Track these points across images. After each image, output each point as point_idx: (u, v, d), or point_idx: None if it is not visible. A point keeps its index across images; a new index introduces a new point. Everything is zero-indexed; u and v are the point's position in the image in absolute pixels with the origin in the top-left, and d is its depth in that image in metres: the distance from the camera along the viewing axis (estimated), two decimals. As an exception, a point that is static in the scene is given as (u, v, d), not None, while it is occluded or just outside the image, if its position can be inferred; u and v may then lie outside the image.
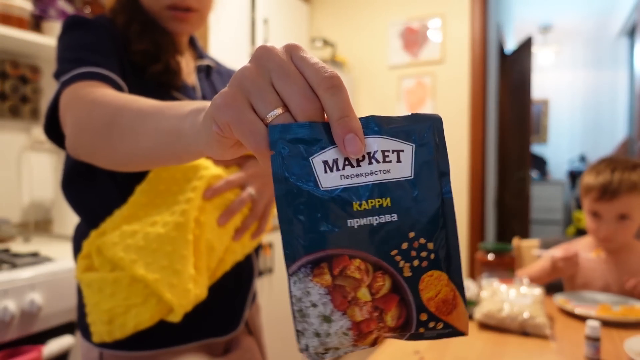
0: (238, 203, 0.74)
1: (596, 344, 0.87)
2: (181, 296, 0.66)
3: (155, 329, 0.71)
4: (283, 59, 0.34)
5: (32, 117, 1.78)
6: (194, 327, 0.76)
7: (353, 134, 0.32)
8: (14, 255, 1.30)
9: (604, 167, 1.23)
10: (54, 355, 1.15)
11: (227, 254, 0.76)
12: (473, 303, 1.12)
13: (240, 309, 0.83)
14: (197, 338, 0.77)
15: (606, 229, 1.21)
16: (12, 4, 1.50)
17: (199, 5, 0.80)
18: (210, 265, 0.72)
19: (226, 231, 0.74)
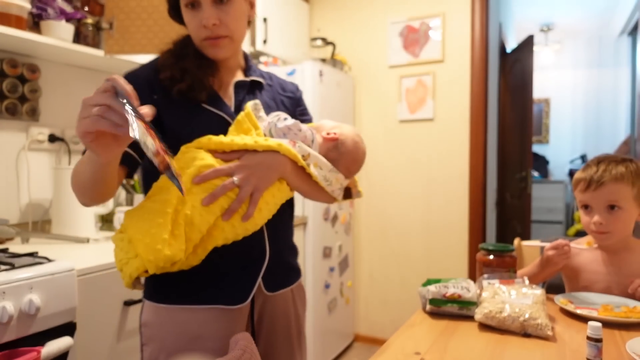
0: (221, 188, 0.89)
1: (598, 344, 0.86)
2: (149, 253, 0.83)
3: (178, 288, 0.95)
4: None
5: (30, 116, 1.78)
6: (208, 293, 0.95)
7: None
8: (13, 256, 1.30)
9: (593, 162, 1.26)
10: (53, 356, 1.14)
11: (216, 231, 0.91)
12: (474, 303, 1.11)
13: (249, 285, 0.98)
14: (209, 302, 0.95)
15: (597, 219, 1.22)
16: (11, 2, 1.49)
17: (228, 32, 0.97)
18: (191, 236, 0.87)
19: (210, 211, 0.88)
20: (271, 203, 0.97)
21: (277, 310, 1.07)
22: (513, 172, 3.71)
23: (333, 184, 1.04)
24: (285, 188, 1.00)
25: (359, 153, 1.07)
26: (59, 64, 1.91)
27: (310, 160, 1.00)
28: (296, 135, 1.00)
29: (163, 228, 0.84)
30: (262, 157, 0.95)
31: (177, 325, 0.95)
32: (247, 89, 1.07)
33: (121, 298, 1.38)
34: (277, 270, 1.05)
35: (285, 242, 1.10)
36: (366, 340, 3.13)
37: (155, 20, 1.74)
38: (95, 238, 1.68)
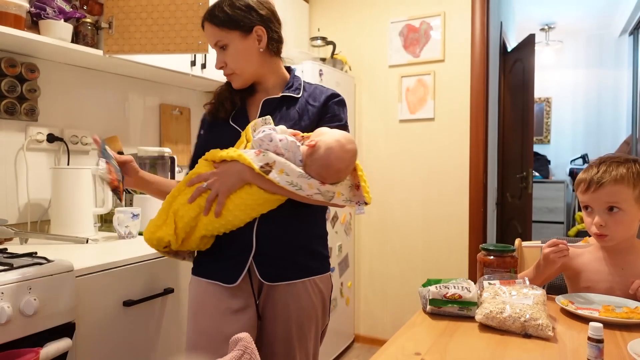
0: (196, 190, 1.15)
1: (599, 345, 0.85)
2: (147, 233, 1.18)
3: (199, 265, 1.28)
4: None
5: (29, 116, 1.77)
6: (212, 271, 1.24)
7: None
8: (11, 256, 1.29)
9: (595, 163, 1.26)
10: (52, 357, 1.14)
11: (200, 223, 1.16)
12: (474, 304, 1.10)
13: (238, 270, 1.20)
14: (211, 278, 1.23)
15: (597, 220, 1.21)
16: (9, 1, 1.49)
17: (231, 70, 1.25)
18: (179, 225, 1.15)
19: (191, 207, 1.15)
20: (241, 204, 1.14)
21: (279, 300, 1.21)
22: (514, 172, 3.70)
23: (305, 189, 1.12)
24: (257, 191, 1.14)
25: (330, 159, 1.12)
26: (58, 63, 1.90)
27: (275, 167, 1.11)
28: (268, 145, 1.13)
29: (159, 217, 1.17)
30: (227, 166, 1.15)
31: (195, 290, 1.26)
32: (275, 105, 1.26)
33: (120, 298, 1.38)
34: (273, 263, 1.20)
35: (281, 240, 1.21)
36: (366, 341, 3.13)
37: (155, 19, 1.73)
38: (94, 238, 1.68)
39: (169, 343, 1.56)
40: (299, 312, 1.22)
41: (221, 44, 1.23)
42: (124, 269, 1.39)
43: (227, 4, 1.21)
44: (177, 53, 1.75)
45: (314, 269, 1.26)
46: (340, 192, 1.17)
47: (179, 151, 2.48)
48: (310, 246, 1.26)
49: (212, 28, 1.22)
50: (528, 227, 3.60)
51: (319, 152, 1.12)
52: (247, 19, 1.21)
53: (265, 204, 1.16)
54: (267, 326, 1.23)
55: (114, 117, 2.16)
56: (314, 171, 1.13)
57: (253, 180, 1.13)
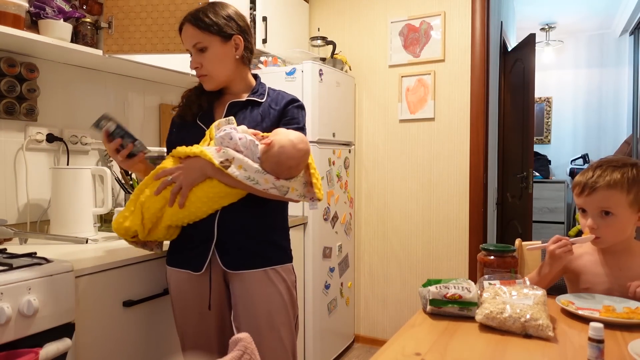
0: (162, 183, 1.26)
1: (600, 345, 0.85)
2: (114, 222, 1.28)
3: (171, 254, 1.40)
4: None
5: (28, 116, 1.77)
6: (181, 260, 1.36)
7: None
8: (11, 256, 1.29)
9: (592, 166, 1.26)
10: (51, 357, 1.14)
11: (165, 214, 1.26)
12: (474, 304, 1.10)
13: (202, 259, 1.32)
14: (182, 267, 1.35)
15: (589, 223, 1.22)
16: (9, 1, 1.49)
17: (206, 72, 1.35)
18: (145, 215, 1.25)
19: (158, 199, 1.25)
20: (202, 196, 1.24)
21: (244, 288, 1.32)
22: (514, 172, 3.70)
23: (262, 184, 1.23)
24: (218, 185, 1.24)
25: (282, 157, 1.23)
26: (58, 63, 1.90)
27: (234, 163, 1.22)
28: (228, 143, 1.24)
29: (126, 208, 1.27)
30: (190, 161, 1.26)
31: (175, 281, 1.38)
32: (240, 107, 1.38)
33: (120, 299, 1.38)
34: (234, 252, 1.32)
35: (241, 230, 1.32)
36: (366, 341, 3.13)
37: (154, 19, 1.73)
38: (93, 238, 1.68)
39: (169, 343, 1.55)
40: (266, 299, 1.32)
41: (200, 47, 1.32)
42: (124, 269, 1.39)
43: (212, 11, 1.32)
44: (177, 53, 1.74)
45: (274, 259, 1.36)
46: (294, 187, 1.28)
47: (178, 151, 2.48)
48: (270, 238, 1.37)
49: (194, 30, 1.31)
50: (528, 227, 3.60)
51: (272, 150, 1.23)
52: (228, 27, 1.33)
53: (226, 197, 1.26)
54: (238, 316, 1.35)
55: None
56: (268, 167, 1.24)
57: (214, 175, 1.24)
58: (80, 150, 1.99)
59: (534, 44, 3.51)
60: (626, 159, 1.25)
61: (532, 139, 3.53)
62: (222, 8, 1.34)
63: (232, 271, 1.32)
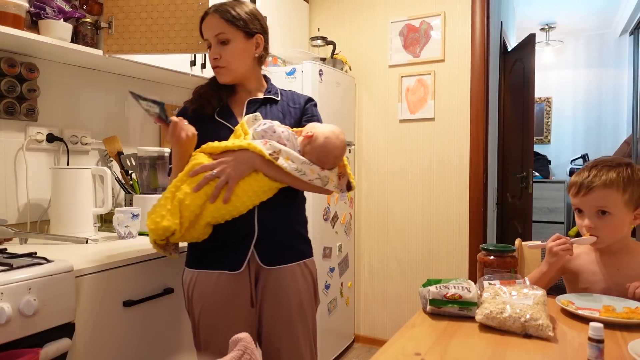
0: (204, 179, 1.22)
1: (599, 345, 0.85)
2: (152, 223, 1.21)
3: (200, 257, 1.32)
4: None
5: (28, 116, 1.77)
6: (216, 261, 1.31)
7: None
8: (11, 256, 1.29)
9: (587, 166, 1.27)
10: (52, 357, 1.14)
11: (206, 211, 1.23)
12: (474, 304, 1.10)
13: (242, 256, 1.29)
14: (216, 268, 1.30)
15: (587, 223, 1.22)
16: (9, 1, 1.49)
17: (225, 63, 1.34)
18: (184, 214, 1.21)
19: (197, 195, 1.21)
20: (248, 190, 1.23)
21: (278, 282, 1.32)
22: (514, 172, 3.70)
23: (308, 175, 1.25)
24: (262, 178, 1.25)
25: (328, 147, 1.27)
26: (58, 63, 1.90)
27: (282, 155, 1.23)
28: (271, 136, 1.26)
29: (162, 206, 1.21)
30: (236, 154, 1.24)
31: (201, 284, 1.32)
32: (259, 105, 1.39)
33: (120, 299, 1.38)
34: (272, 247, 1.31)
35: (279, 225, 1.33)
36: (366, 341, 3.13)
37: (155, 19, 1.73)
38: (94, 238, 1.68)
39: (169, 343, 1.56)
40: (298, 293, 1.34)
41: (223, 38, 1.32)
42: (124, 269, 1.39)
43: (239, 7, 1.34)
44: (177, 53, 1.74)
45: (305, 252, 1.41)
46: (332, 178, 1.31)
47: (179, 151, 2.48)
48: (300, 231, 1.40)
49: (220, 21, 1.31)
50: (528, 227, 3.60)
51: (318, 141, 1.26)
52: (252, 25, 1.35)
53: (268, 191, 1.27)
54: (268, 309, 1.33)
55: (114, 117, 2.15)
56: (314, 158, 1.27)
57: (262, 167, 1.24)
58: (80, 150, 1.99)
59: (534, 44, 3.51)
60: (620, 159, 1.26)
61: (532, 139, 3.53)
62: (247, 6, 1.37)
63: (268, 267, 1.32)
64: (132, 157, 2.05)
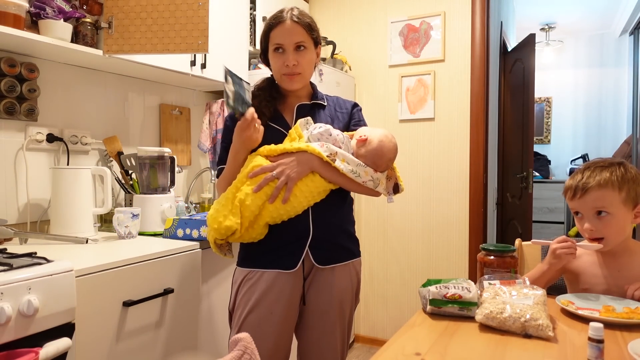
0: (264, 179, 1.26)
1: (599, 345, 0.85)
2: (214, 223, 1.26)
3: (254, 257, 1.37)
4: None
5: (28, 116, 1.77)
6: (270, 260, 1.34)
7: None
8: (11, 256, 1.29)
9: (580, 169, 1.27)
10: (51, 357, 1.14)
11: (265, 211, 1.27)
12: (474, 304, 1.10)
13: (297, 255, 1.33)
14: (271, 267, 1.34)
15: (587, 226, 1.22)
16: (9, 1, 1.49)
17: (302, 70, 1.37)
18: (245, 214, 1.25)
19: (258, 196, 1.26)
20: (306, 191, 1.28)
21: (326, 280, 1.36)
22: (514, 172, 3.70)
23: (362, 176, 1.30)
24: (319, 179, 1.29)
25: (383, 150, 1.32)
26: (58, 63, 1.90)
27: (338, 157, 1.29)
28: (327, 139, 1.31)
29: (224, 206, 1.26)
30: (294, 156, 1.29)
31: (255, 282, 1.35)
32: (308, 110, 1.43)
33: (120, 299, 1.38)
34: (325, 247, 1.35)
35: (333, 225, 1.37)
36: (366, 341, 3.13)
37: (154, 19, 1.73)
38: (94, 238, 1.68)
39: (169, 343, 1.56)
40: (340, 292, 1.38)
41: (302, 45, 1.36)
42: (124, 269, 1.39)
43: (308, 16, 1.40)
44: (177, 53, 1.75)
45: (355, 252, 1.45)
46: (382, 181, 1.36)
47: (178, 151, 2.48)
48: (350, 231, 1.45)
49: (300, 29, 1.35)
50: (528, 227, 3.60)
51: (372, 144, 1.32)
52: (318, 35, 1.42)
53: (322, 193, 1.32)
54: (311, 305, 1.37)
55: (114, 117, 2.15)
56: (369, 160, 1.32)
57: (319, 168, 1.29)
58: (80, 150, 1.99)
59: (534, 44, 3.51)
60: (612, 159, 1.27)
61: (532, 139, 3.53)
62: (307, 14, 1.41)
63: (322, 266, 1.35)
64: (132, 157, 2.05)
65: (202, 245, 1.71)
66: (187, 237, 1.73)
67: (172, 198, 2.01)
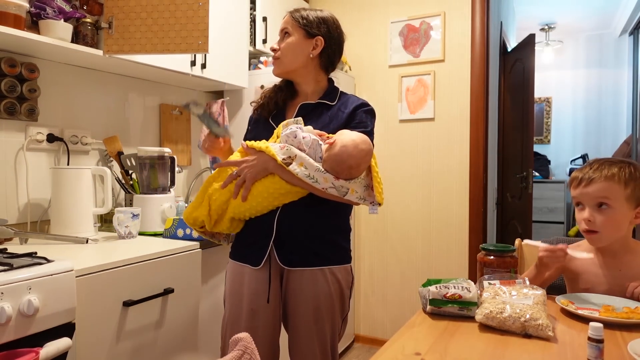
0: (228, 177, 1.31)
1: (599, 345, 0.85)
2: (185, 212, 1.37)
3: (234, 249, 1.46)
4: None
5: (28, 116, 1.77)
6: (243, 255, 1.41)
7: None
8: (11, 256, 1.29)
9: (589, 162, 1.27)
10: (52, 357, 1.14)
11: (229, 207, 1.32)
12: (474, 304, 1.10)
13: (262, 253, 1.36)
14: (242, 261, 1.40)
15: (585, 215, 1.22)
16: (9, 1, 1.49)
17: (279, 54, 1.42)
18: (212, 206, 1.32)
19: (224, 192, 1.31)
20: (264, 191, 1.28)
21: (297, 284, 1.35)
22: (514, 172, 3.70)
23: (321, 182, 1.25)
24: (279, 181, 1.28)
25: (343, 156, 1.24)
26: (58, 63, 1.90)
27: (296, 160, 1.25)
28: (292, 141, 1.28)
29: (197, 199, 1.34)
30: (255, 156, 1.30)
31: (233, 274, 1.43)
32: (310, 109, 1.42)
33: (120, 298, 1.38)
34: (292, 249, 1.34)
35: (301, 229, 1.34)
36: (366, 341, 3.13)
37: (154, 19, 1.73)
38: (94, 238, 1.68)
39: (169, 343, 1.56)
40: (315, 297, 1.35)
41: (286, 31, 1.41)
42: (124, 269, 1.39)
43: (310, 10, 1.44)
44: (177, 53, 1.75)
45: (331, 259, 1.38)
46: (354, 189, 1.28)
47: (179, 151, 2.48)
48: (331, 238, 1.39)
49: (289, 18, 1.43)
50: (528, 227, 3.60)
51: (334, 149, 1.25)
52: (316, 27, 1.41)
53: (287, 195, 1.30)
54: (289, 307, 1.38)
55: (114, 117, 2.16)
56: (329, 166, 1.26)
57: (275, 171, 1.28)
58: (80, 150, 1.99)
59: (534, 44, 3.51)
60: (622, 158, 1.27)
61: (532, 139, 3.53)
62: (321, 12, 1.45)
63: (288, 267, 1.36)
64: (132, 157, 2.05)
65: (202, 245, 1.71)
66: (187, 237, 1.73)
67: (172, 198, 2.01)
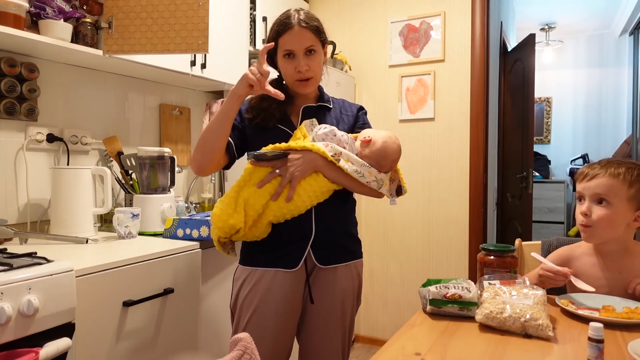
0: (267, 175, 1.27)
1: (599, 345, 0.85)
2: (218, 221, 1.26)
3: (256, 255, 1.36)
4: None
5: (28, 116, 1.77)
6: (271, 259, 1.34)
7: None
8: (11, 256, 1.29)
9: (600, 161, 1.28)
10: (52, 357, 1.14)
11: (268, 209, 1.27)
12: (474, 304, 1.10)
13: (299, 255, 1.33)
14: (273, 266, 1.33)
15: (583, 208, 1.22)
16: (9, 1, 1.49)
17: (313, 74, 1.36)
18: (248, 212, 1.26)
19: (261, 194, 1.26)
20: (309, 190, 1.28)
21: (328, 281, 1.36)
22: (514, 172, 3.70)
23: (366, 177, 1.31)
24: (322, 179, 1.29)
25: (387, 151, 1.33)
26: (58, 63, 1.90)
27: (342, 157, 1.29)
28: (332, 139, 1.31)
29: (228, 205, 1.26)
30: (299, 154, 1.28)
31: (254, 283, 1.35)
32: (313, 112, 1.43)
33: (120, 299, 1.38)
34: (327, 247, 1.35)
35: (335, 226, 1.38)
36: (366, 341, 3.13)
37: (154, 19, 1.73)
38: (94, 238, 1.68)
39: (169, 343, 1.56)
40: (342, 293, 1.38)
41: (312, 49, 1.34)
42: (124, 269, 1.39)
43: (315, 17, 1.37)
44: (177, 53, 1.75)
45: (357, 253, 1.45)
46: (386, 182, 1.36)
47: (179, 151, 2.48)
48: (352, 232, 1.46)
49: (309, 33, 1.33)
50: (528, 227, 3.60)
51: (376, 145, 1.32)
52: (324, 35, 1.39)
53: (325, 193, 1.31)
54: (316, 305, 1.37)
55: (114, 117, 2.15)
56: (373, 161, 1.32)
57: (323, 168, 1.29)
58: (80, 150, 1.99)
59: (534, 44, 3.51)
60: (633, 161, 1.27)
61: (532, 139, 3.53)
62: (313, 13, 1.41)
63: (323, 266, 1.36)
64: (132, 157, 2.05)
65: (202, 245, 1.71)
66: (187, 237, 1.73)
67: (172, 198, 2.01)
